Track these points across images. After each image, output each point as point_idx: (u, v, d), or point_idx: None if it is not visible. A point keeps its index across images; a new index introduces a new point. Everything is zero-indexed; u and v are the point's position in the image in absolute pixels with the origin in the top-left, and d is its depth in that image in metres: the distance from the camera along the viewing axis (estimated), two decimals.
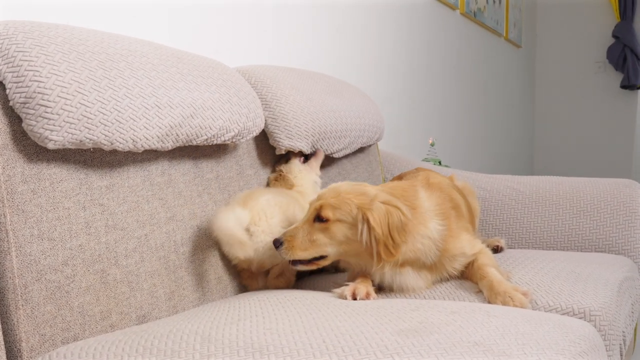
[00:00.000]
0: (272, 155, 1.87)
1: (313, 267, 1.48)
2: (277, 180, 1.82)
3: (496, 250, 1.94)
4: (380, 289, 1.50)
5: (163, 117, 1.34)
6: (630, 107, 5.77)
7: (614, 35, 5.73)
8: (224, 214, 1.48)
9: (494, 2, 4.65)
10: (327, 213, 1.42)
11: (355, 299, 1.35)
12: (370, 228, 1.38)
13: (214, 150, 1.64)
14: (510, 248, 2.12)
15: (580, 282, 1.51)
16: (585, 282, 1.51)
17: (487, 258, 1.54)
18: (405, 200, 1.46)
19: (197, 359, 0.98)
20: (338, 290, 1.40)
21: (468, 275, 1.55)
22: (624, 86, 5.70)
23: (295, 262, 1.47)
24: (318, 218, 1.43)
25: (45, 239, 1.17)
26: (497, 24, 4.77)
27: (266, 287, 1.64)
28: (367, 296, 1.37)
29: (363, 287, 1.39)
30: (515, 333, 1.04)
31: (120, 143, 1.26)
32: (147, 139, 1.31)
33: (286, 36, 2.46)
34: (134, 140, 1.28)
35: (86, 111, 1.19)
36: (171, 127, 1.36)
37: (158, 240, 1.41)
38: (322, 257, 1.46)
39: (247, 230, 1.54)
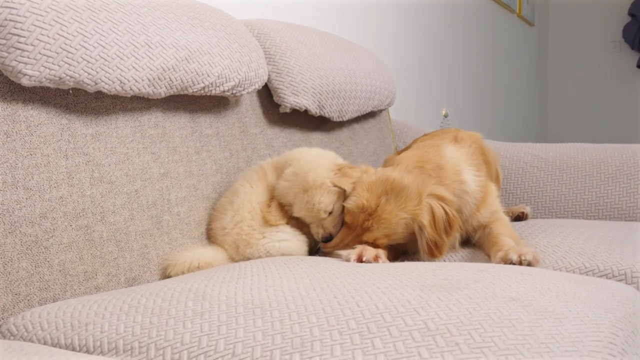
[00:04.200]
0: (279, 115, 1.73)
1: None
2: None
3: (521, 217, 1.80)
4: (403, 253, 1.37)
5: (154, 58, 1.20)
6: None
7: (630, 14, 5.53)
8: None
9: None
10: (382, 242, 1.30)
11: (361, 261, 1.20)
12: (424, 230, 1.27)
13: (213, 105, 1.50)
14: (533, 218, 1.97)
15: (616, 245, 1.36)
16: (622, 245, 1.36)
17: (504, 227, 1.39)
18: (428, 164, 1.33)
19: (188, 316, 0.85)
20: (343, 253, 1.25)
21: (479, 243, 1.41)
22: None
23: None
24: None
25: (20, 187, 1.03)
26: (511, 0, 4.60)
27: None
28: (376, 259, 1.21)
29: (372, 249, 1.24)
30: (555, 290, 0.90)
31: (106, 83, 1.13)
32: (136, 81, 1.17)
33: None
34: (121, 82, 1.15)
35: (66, 44, 1.05)
36: (164, 69, 1.23)
37: (150, 197, 1.27)
38: None
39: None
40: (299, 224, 1.41)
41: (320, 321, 0.78)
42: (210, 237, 1.41)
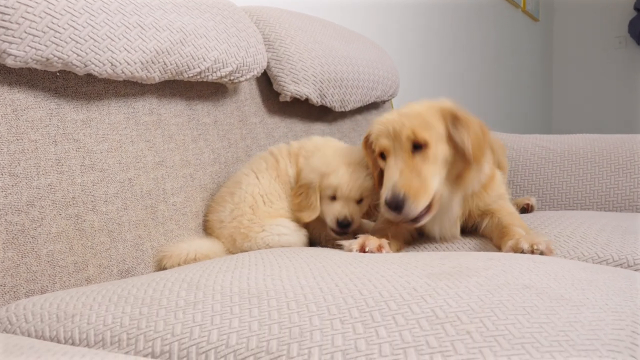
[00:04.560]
0: (279, 104, 1.68)
1: (428, 218, 1.20)
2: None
3: (526, 209, 1.74)
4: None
5: (147, 40, 1.15)
6: None
7: (636, 8, 5.46)
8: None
9: None
10: (423, 136, 1.17)
11: (364, 251, 1.14)
12: (466, 128, 1.18)
13: (211, 92, 1.45)
14: (541, 210, 1.92)
15: (630, 235, 1.31)
16: (636, 234, 1.31)
17: (513, 217, 1.33)
18: None
19: (181, 306, 0.80)
20: (345, 243, 1.18)
21: (488, 233, 1.35)
22: None
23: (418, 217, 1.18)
24: (415, 147, 1.18)
25: (5, 174, 0.98)
26: None
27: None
28: (380, 249, 1.15)
29: (375, 239, 1.18)
30: (571, 278, 0.85)
31: (96, 66, 1.08)
32: (128, 64, 1.12)
33: None
34: (112, 64, 1.10)
35: (53, 22, 1.00)
36: (157, 52, 1.17)
37: (144, 186, 1.22)
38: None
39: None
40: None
41: (321, 310, 0.73)
42: (207, 229, 1.36)
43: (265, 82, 1.65)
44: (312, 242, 1.39)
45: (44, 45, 0.99)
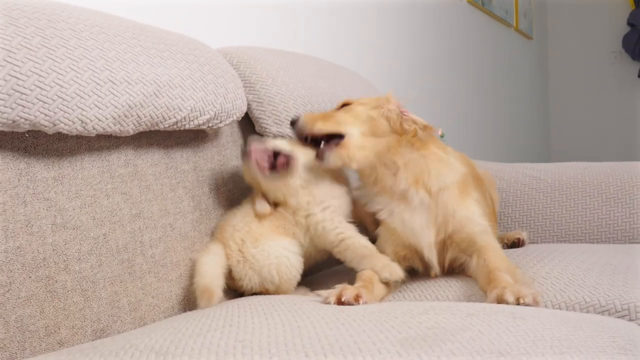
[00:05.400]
0: None
1: (333, 148, 1.35)
2: None
3: (517, 243, 1.71)
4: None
5: (119, 95, 1.13)
6: None
7: (629, 23, 5.46)
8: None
9: None
10: (351, 100, 1.45)
11: (342, 303, 1.12)
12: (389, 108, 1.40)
13: (190, 138, 1.43)
14: (532, 243, 1.89)
15: (618, 275, 1.28)
16: (625, 275, 1.28)
17: (499, 260, 1.29)
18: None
19: None
20: (323, 293, 1.16)
21: (474, 275, 1.32)
22: None
23: (314, 140, 1.39)
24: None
25: None
26: (507, 14, 4.54)
27: None
28: (357, 299, 1.12)
29: (353, 289, 1.16)
30: (550, 339, 0.82)
31: (66, 124, 1.06)
32: (99, 120, 1.10)
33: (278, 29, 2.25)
34: (82, 122, 1.08)
35: (19, 84, 0.99)
36: (130, 106, 1.16)
37: (120, 241, 1.20)
38: (341, 137, 1.36)
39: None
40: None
41: None
42: (217, 233, 1.41)
43: (248, 124, 1.63)
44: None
45: (9, 107, 0.98)
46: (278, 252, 1.35)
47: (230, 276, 1.36)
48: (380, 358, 0.75)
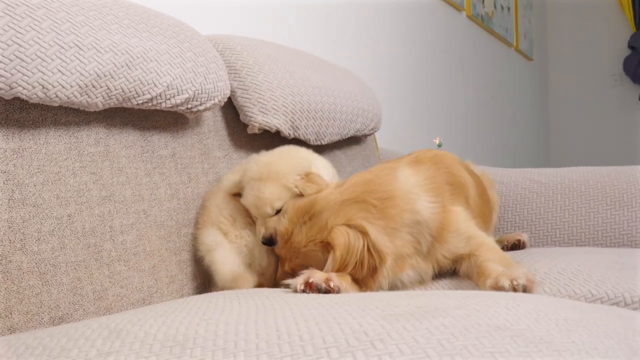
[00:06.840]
0: (247, 137, 1.57)
1: None
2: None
3: (517, 245, 1.62)
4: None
5: (86, 62, 1.05)
6: None
7: (630, 46, 5.43)
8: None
9: (502, 8, 4.38)
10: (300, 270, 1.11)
11: (311, 287, 0.99)
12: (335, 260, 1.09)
13: (169, 123, 1.34)
14: (534, 247, 1.79)
15: (627, 270, 1.18)
16: (634, 270, 1.18)
17: (490, 252, 1.20)
18: (374, 193, 1.15)
19: (90, 357, 0.67)
20: (291, 282, 1.03)
21: (468, 276, 1.23)
22: None
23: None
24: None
25: None
26: (507, 32, 4.49)
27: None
28: (327, 282, 1.00)
29: (322, 273, 1.03)
30: (555, 318, 0.72)
31: (25, 89, 0.97)
32: (63, 87, 1.02)
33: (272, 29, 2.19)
34: (43, 87, 0.99)
35: None
36: (98, 75, 1.07)
37: (87, 223, 1.10)
38: None
39: None
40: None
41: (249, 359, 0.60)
42: (204, 214, 1.33)
43: (232, 114, 1.54)
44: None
45: None
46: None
47: None
48: (360, 330, 0.65)
